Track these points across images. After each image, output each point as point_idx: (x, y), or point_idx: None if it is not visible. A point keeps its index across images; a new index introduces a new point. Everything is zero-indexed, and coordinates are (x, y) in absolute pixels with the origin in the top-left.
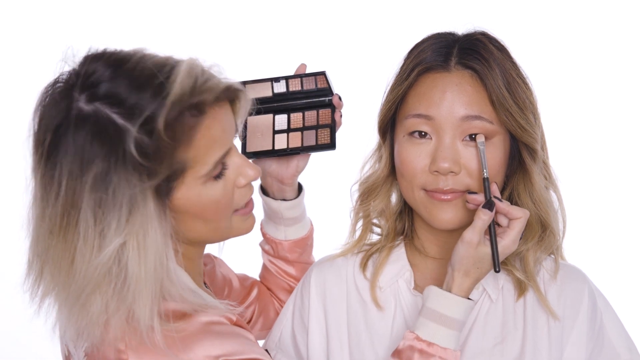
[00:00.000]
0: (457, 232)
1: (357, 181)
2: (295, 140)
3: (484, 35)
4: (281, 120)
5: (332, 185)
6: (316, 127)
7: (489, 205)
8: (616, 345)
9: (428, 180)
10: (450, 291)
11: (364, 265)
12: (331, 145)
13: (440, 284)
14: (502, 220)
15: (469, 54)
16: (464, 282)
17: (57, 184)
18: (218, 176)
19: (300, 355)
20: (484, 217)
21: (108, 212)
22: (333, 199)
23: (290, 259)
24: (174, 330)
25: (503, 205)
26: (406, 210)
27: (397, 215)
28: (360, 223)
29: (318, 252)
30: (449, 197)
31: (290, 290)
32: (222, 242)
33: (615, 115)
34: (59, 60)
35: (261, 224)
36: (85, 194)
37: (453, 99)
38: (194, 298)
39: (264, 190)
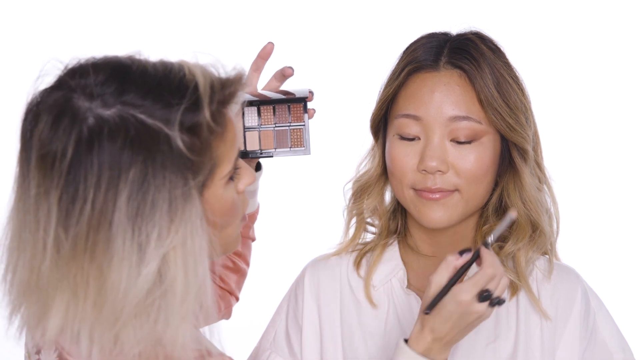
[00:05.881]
0: (449, 230)
1: (351, 180)
2: (268, 141)
3: (477, 35)
4: (251, 114)
5: (327, 184)
6: (289, 126)
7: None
8: (609, 345)
9: (417, 179)
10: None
11: (357, 264)
12: (305, 149)
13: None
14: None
15: (459, 53)
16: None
17: (82, 200)
18: (231, 177)
19: (295, 354)
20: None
21: (148, 221)
22: (327, 198)
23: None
24: None
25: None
26: (399, 209)
27: (391, 214)
28: (353, 221)
29: (313, 252)
30: (437, 196)
31: (234, 269)
32: None
33: (609, 115)
34: (37, 76)
35: None
36: (120, 204)
37: (441, 99)
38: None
39: None
